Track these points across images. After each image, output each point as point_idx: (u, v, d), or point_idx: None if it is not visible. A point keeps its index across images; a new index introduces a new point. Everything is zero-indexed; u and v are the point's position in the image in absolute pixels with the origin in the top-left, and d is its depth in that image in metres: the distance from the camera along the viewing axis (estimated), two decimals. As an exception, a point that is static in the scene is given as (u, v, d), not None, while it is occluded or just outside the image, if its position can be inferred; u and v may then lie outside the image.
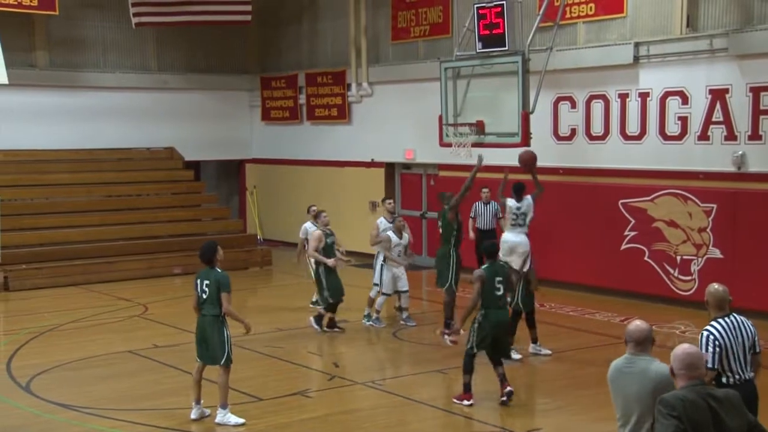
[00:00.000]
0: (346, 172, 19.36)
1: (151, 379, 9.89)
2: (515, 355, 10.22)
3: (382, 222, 12.82)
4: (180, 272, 16.90)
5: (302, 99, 20.19)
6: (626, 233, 14.02)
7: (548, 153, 15.00)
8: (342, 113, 19.26)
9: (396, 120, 18.07)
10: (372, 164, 18.81)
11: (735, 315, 5.81)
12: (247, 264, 17.84)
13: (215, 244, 8.38)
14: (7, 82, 16.97)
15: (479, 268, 8.70)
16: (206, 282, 8.16)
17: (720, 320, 5.72)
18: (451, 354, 10.58)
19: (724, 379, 5.62)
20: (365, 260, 18.57)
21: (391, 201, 13.64)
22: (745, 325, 5.79)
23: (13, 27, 18.15)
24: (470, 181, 11.35)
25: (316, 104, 19.87)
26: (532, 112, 13.02)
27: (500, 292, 8.70)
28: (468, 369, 8.69)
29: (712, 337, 5.64)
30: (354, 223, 19.21)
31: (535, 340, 10.68)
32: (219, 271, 8.20)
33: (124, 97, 19.87)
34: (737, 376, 5.63)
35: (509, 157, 15.04)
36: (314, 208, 13.25)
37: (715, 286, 5.89)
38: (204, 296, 8.17)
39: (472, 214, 15.08)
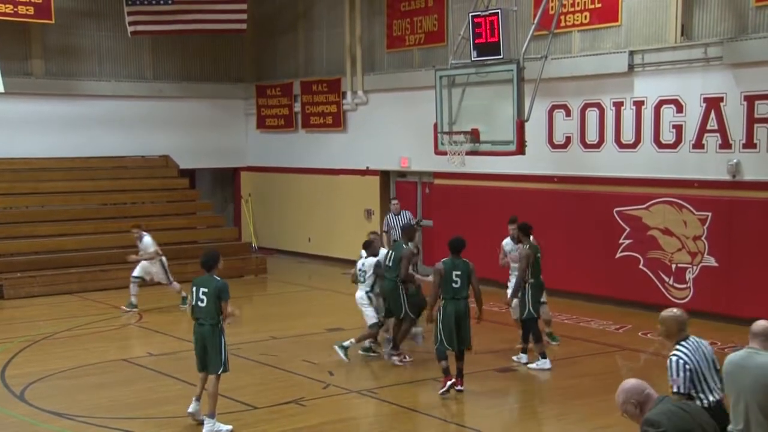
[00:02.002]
0: (341, 180, 19.38)
1: (146, 387, 9.86)
2: (545, 364, 10.36)
3: None
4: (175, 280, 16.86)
5: (297, 107, 20.22)
6: (621, 241, 14.05)
7: (543, 161, 15.06)
8: (337, 121, 19.29)
9: (391, 128, 18.10)
10: (367, 172, 18.83)
11: (692, 336, 5.67)
12: (242, 272, 17.82)
13: (218, 252, 8.38)
14: (3, 90, 16.99)
15: (439, 262, 9.24)
16: (203, 290, 8.11)
17: (684, 343, 5.58)
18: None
19: (697, 402, 5.44)
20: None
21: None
22: (704, 344, 5.69)
23: (10, 36, 18.16)
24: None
25: (312, 112, 19.89)
26: (527, 120, 13.04)
27: (458, 285, 9.16)
28: (441, 356, 9.20)
29: (682, 361, 5.47)
30: (349, 232, 19.23)
31: (524, 350, 10.69)
32: (218, 279, 8.17)
33: (120, 106, 19.88)
34: (710, 398, 5.49)
35: (504, 166, 15.13)
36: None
37: (675, 311, 5.74)
38: (201, 304, 8.13)
39: (385, 228, 15.13)
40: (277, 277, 18.08)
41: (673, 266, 13.39)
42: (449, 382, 9.17)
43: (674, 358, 5.51)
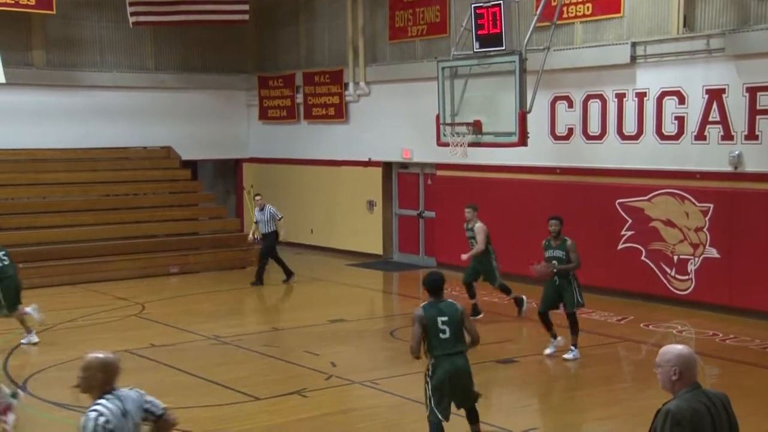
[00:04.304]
0: (344, 172, 19.36)
1: (148, 378, 9.85)
2: (571, 354, 10.41)
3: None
4: (177, 271, 16.91)
5: (299, 98, 20.19)
6: (623, 233, 14.04)
7: (545, 152, 15.04)
8: (339, 113, 19.26)
9: (393, 119, 18.08)
10: (369, 163, 18.82)
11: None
12: (243, 263, 17.83)
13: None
14: (4, 81, 16.96)
15: (420, 307, 6.92)
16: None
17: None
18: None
19: None
20: (363, 259, 18.59)
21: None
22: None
23: (11, 26, 18.12)
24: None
25: (314, 103, 19.86)
26: (529, 112, 13.02)
27: (446, 336, 6.83)
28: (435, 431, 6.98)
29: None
30: (351, 223, 19.24)
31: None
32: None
33: (122, 97, 19.86)
34: None
35: (506, 158, 15.11)
36: None
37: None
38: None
39: (255, 220, 15.96)
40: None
41: (675, 258, 13.39)
42: None
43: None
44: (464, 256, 12.64)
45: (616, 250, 14.09)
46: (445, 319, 6.81)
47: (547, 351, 10.60)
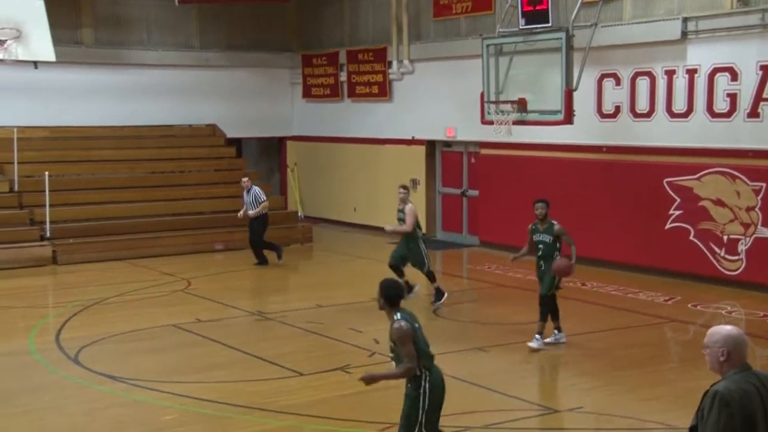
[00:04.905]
0: (387, 150, 19.33)
1: (195, 352, 10.04)
2: (563, 338, 10.11)
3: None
4: (222, 248, 17.09)
5: (343, 76, 20.17)
6: (671, 212, 13.81)
7: (591, 131, 14.83)
8: (383, 91, 19.20)
9: (437, 97, 17.97)
10: (412, 142, 18.76)
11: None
12: (288, 241, 17.95)
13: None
14: (54, 59, 17.26)
15: (398, 320, 5.88)
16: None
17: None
18: (490, 332, 10.57)
19: None
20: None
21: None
22: None
23: (61, 5, 18.37)
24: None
25: (357, 81, 19.83)
26: (575, 90, 12.85)
27: (425, 341, 6.03)
28: None
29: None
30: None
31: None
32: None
33: (167, 75, 20.05)
34: None
35: (551, 136, 14.94)
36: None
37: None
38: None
39: (244, 203, 15.74)
40: (323, 246, 18.18)
41: (725, 237, 13.14)
42: None
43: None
44: (388, 227, 12.51)
45: (663, 230, 13.87)
46: (418, 325, 6.01)
47: (548, 339, 9.97)
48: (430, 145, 18.57)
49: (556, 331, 10.06)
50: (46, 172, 16.48)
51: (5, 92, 18.36)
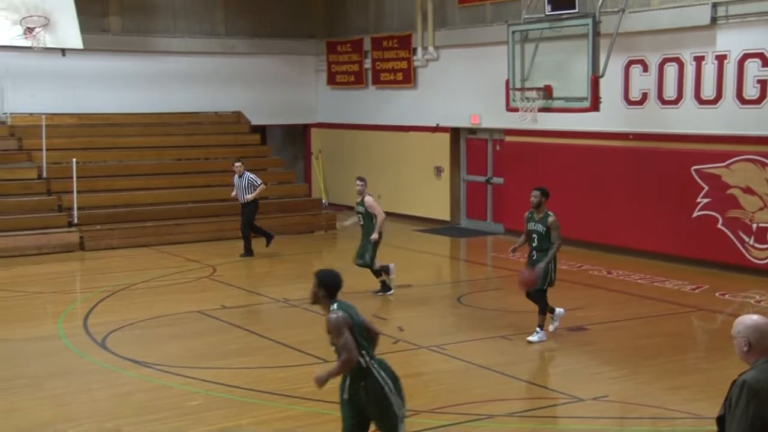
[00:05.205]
0: (411, 137, 19.29)
1: (220, 339, 10.10)
2: (544, 336, 9.69)
3: None
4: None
5: (368, 63, 20.13)
6: (699, 200, 13.67)
7: (618, 118, 14.69)
8: (407, 78, 19.15)
9: (462, 84, 17.89)
10: (437, 129, 18.70)
11: None
12: (312, 228, 18.01)
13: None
14: (82, 47, 17.38)
15: (333, 310, 5.60)
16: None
17: None
18: (515, 320, 10.54)
19: None
20: (430, 225, 18.58)
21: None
22: None
23: (88, -8, 18.51)
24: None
25: (382, 69, 19.78)
26: (602, 76, 12.74)
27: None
28: None
29: None
30: (419, 189, 19.20)
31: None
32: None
33: (193, 62, 20.15)
34: None
35: (577, 123, 14.82)
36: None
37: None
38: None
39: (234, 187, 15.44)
40: (347, 233, 18.19)
41: (754, 226, 12.98)
42: None
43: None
44: (375, 236, 11.86)
45: (690, 218, 13.74)
46: (361, 318, 5.70)
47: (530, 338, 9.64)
48: (455, 133, 18.50)
49: (538, 329, 9.67)
50: (74, 159, 16.64)
51: (34, 79, 18.54)
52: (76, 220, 16.29)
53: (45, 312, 11.62)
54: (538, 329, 9.73)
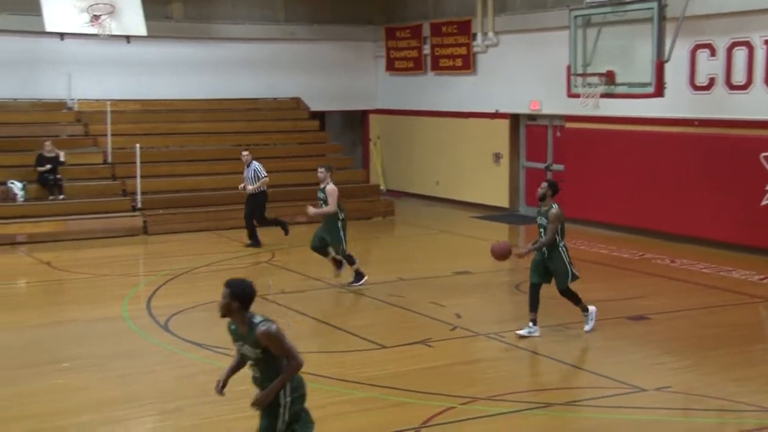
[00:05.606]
0: (470, 124, 19.17)
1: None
2: (537, 331, 9.36)
3: None
4: (305, 220, 17.28)
5: (427, 49, 20.04)
6: (767, 188, 13.29)
7: (683, 104, 14.36)
8: (467, 64, 19.01)
9: (522, 70, 17.68)
10: (496, 115, 18.54)
11: None
12: (370, 214, 18.05)
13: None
14: (146, 33, 17.68)
15: (263, 322, 5.50)
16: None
17: None
18: (572, 308, 10.41)
19: None
20: (489, 212, 18.47)
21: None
22: None
23: (152, -20, 18.80)
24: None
25: (441, 54, 19.67)
26: (667, 61, 12.47)
27: None
28: None
29: None
30: (477, 175, 19.09)
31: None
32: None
33: (253, 48, 20.33)
34: None
35: (641, 109, 14.52)
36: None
37: None
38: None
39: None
40: (405, 220, 18.22)
41: (825, 216, 12.57)
42: None
43: None
44: (311, 210, 11.66)
45: (759, 206, 13.36)
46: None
47: (521, 332, 9.30)
48: (514, 119, 18.32)
49: (531, 323, 9.35)
50: (138, 145, 16.96)
51: (99, 66, 18.94)
52: (139, 205, 16.64)
53: (111, 294, 11.89)
54: (586, 315, 9.45)
